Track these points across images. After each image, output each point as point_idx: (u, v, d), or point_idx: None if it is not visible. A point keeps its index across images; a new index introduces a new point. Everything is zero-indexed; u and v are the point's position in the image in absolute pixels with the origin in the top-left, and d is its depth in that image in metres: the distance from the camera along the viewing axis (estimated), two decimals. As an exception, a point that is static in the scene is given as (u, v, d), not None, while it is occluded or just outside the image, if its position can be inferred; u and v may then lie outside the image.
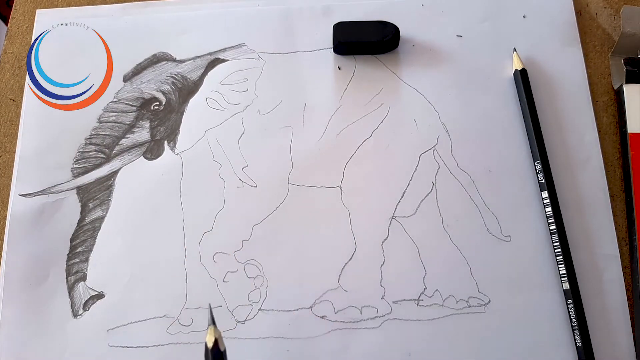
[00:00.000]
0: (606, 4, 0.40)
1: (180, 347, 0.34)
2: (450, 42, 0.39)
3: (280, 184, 0.36)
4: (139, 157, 0.38)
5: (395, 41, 0.38)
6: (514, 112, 0.37)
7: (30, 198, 0.37)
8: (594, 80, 0.38)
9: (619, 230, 0.35)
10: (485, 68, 0.38)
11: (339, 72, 0.39)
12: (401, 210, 0.36)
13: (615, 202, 0.36)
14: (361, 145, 0.37)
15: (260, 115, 0.38)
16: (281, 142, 0.37)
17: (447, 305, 0.34)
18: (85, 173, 0.37)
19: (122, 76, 0.39)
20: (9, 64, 0.41)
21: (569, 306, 0.33)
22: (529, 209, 0.35)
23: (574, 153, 0.36)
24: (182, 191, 0.37)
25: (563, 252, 0.33)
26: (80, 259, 0.36)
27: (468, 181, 0.36)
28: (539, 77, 0.38)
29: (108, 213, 0.36)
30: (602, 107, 0.38)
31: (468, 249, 0.35)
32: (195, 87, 0.39)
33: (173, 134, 0.38)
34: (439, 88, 0.38)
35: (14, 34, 0.41)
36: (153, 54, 0.40)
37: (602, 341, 0.33)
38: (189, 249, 0.35)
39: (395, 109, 0.38)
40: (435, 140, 0.37)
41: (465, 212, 0.35)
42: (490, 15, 0.40)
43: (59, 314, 0.35)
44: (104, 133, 0.38)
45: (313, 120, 0.38)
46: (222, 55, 0.40)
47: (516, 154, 0.37)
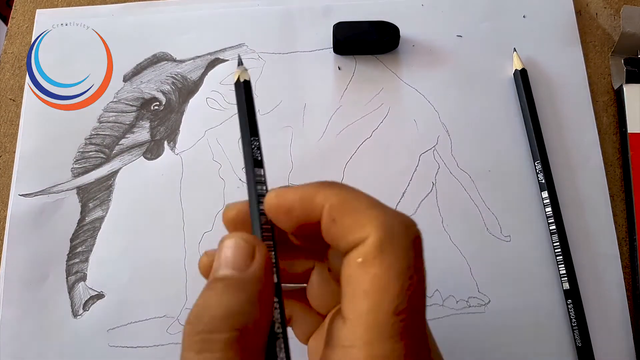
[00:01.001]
0: (606, 4, 0.40)
1: (180, 347, 0.33)
2: (450, 42, 0.39)
3: (280, 184, 0.36)
4: (139, 157, 0.38)
5: (395, 41, 0.38)
6: (514, 112, 0.37)
7: (30, 198, 0.37)
8: (594, 80, 0.38)
9: (619, 230, 0.35)
10: (485, 68, 0.39)
11: (339, 72, 0.39)
12: (401, 210, 0.35)
13: (615, 202, 0.36)
14: (361, 145, 0.37)
15: (260, 115, 0.38)
16: (281, 142, 0.37)
17: (447, 306, 0.34)
18: (85, 173, 0.37)
19: (122, 76, 0.39)
20: (9, 64, 0.41)
21: (569, 306, 0.33)
22: (529, 209, 0.35)
23: (574, 153, 0.36)
24: (182, 191, 0.37)
25: (563, 252, 0.33)
26: (80, 259, 0.36)
27: (468, 181, 0.36)
28: (539, 77, 0.38)
29: (108, 213, 0.36)
30: (602, 107, 0.38)
31: (468, 249, 0.35)
32: (195, 87, 0.39)
33: (173, 134, 0.38)
34: (439, 88, 0.38)
35: (13, 34, 0.41)
36: (153, 54, 0.40)
37: (602, 341, 0.33)
38: (189, 249, 0.35)
39: (395, 109, 0.38)
40: (435, 140, 0.37)
41: (465, 212, 0.35)
42: (490, 15, 0.40)
43: (59, 314, 0.35)
44: (104, 133, 0.38)
45: (313, 120, 0.38)
46: (222, 55, 0.40)
47: (516, 154, 0.37)
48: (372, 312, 0.17)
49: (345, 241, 0.19)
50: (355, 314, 0.18)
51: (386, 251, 0.18)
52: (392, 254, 0.18)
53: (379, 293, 0.17)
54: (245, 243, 0.20)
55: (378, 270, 0.18)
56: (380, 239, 0.18)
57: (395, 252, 0.18)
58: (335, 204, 0.19)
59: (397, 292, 0.17)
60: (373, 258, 0.18)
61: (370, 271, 0.18)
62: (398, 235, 0.18)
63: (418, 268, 0.18)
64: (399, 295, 0.17)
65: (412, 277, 0.18)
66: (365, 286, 0.18)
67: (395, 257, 0.18)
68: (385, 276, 0.17)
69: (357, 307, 0.18)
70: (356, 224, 0.18)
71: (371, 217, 0.18)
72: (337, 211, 0.19)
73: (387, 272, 0.17)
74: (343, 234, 0.19)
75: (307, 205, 0.19)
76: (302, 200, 0.20)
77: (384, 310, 0.17)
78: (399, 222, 0.19)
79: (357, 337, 0.17)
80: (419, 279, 0.18)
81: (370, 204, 0.19)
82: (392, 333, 0.17)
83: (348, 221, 0.19)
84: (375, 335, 0.17)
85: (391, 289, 0.17)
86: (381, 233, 0.18)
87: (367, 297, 0.17)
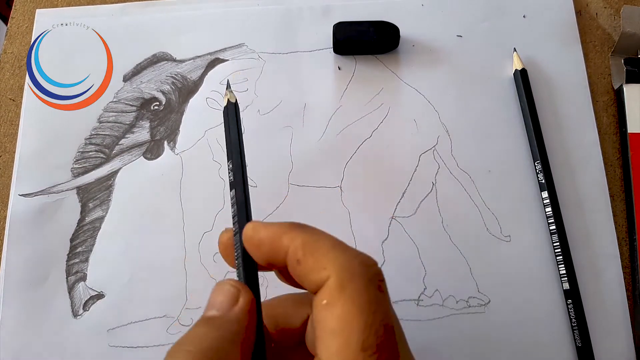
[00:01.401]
0: (606, 4, 0.40)
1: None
2: (450, 42, 0.39)
3: (280, 184, 0.36)
4: (139, 157, 0.38)
5: (395, 41, 0.38)
6: (514, 112, 0.37)
7: (30, 198, 0.37)
8: (594, 80, 0.38)
9: (619, 230, 0.35)
10: (485, 68, 0.39)
11: (339, 72, 0.39)
12: (401, 210, 0.36)
13: (615, 202, 0.36)
14: (361, 145, 0.37)
15: (260, 116, 0.38)
16: (281, 142, 0.37)
17: (447, 306, 0.34)
18: (85, 173, 0.37)
19: (122, 76, 0.39)
20: (9, 63, 0.41)
21: (569, 306, 0.33)
22: (529, 209, 0.35)
23: (574, 153, 0.36)
24: (182, 191, 0.37)
25: (563, 252, 0.33)
26: (80, 259, 0.36)
27: (468, 181, 0.36)
28: (539, 77, 0.38)
29: (108, 213, 0.36)
30: (602, 107, 0.38)
31: (468, 249, 0.35)
32: (195, 87, 0.39)
33: (173, 134, 0.38)
34: (439, 88, 0.38)
35: (13, 33, 0.41)
36: (153, 53, 0.40)
37: (602, 341, 0.33)
38: (189, 249, 0.35)
39: (395, 109, 0.38)
40: (435, 140, 0.37)
41: (465, 212, 0.35)
42: (490, 15, 0.40)
43: (59, 314, 0.35)
44: (104, 133, 0.38)
45: (313, 120, 0.38)
46: (222, 55, 0.40)
47: (516, 154, 0.37)
48: (341, 350, 0.18)
49: (308, 281, 0.20)
50: (326, 354, 0.18)
51: (346, 290, 0.19)
52: (353, 291, 0.19)
53: (345, 331, 0.18)
54: (232, 287, 0.21)
55: (341, 310, 0.18)
56: (340, 279, 0.19)
57: (356, 290, 0.19)
58: (299, 245, 0.20)
59: (361, 328, 0.18)
60: (336, 299, 0.19)
61: (334, 311, 0.19)
62: (358, 275, 0.19)
63: (380, 303, 0.19)
64: (364, 331, 0.18)
65: (375, 312, 0.18)
66: (331, 326, 0.18)
67: (357, 294, 0.19)
68: (349, 314, 0.18)
69: (327, 347, 0.18)
70: (318, 266, 0.20)
71: (331, 258, 0.19)
72: (300, 253, 0.20)
73: (350, 310, 0.18)
74: (306, 275, 0.20)
75: (275, 245, 0.21)
76: (271, 239, 0.21)
77: (351, 347, 0.18)
78: (359, 262, 0.20)
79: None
80: (383, 313, 0.19)
81: (331, 245, 0.20)
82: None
83: (310, 263, 0.20)
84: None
85: (355, 326, 0.18)
86: (341, 273, 0.19)
87: (335, 336, 0.18)
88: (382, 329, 0.18)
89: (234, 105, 0.26)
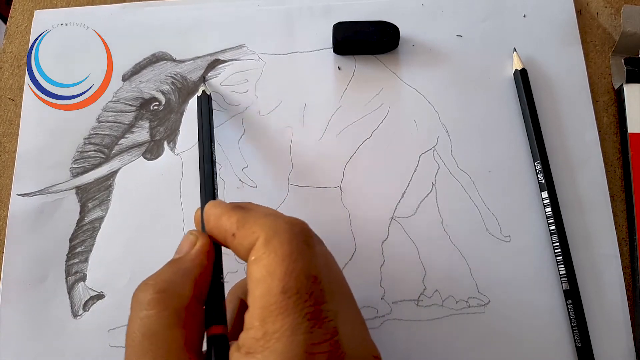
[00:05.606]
0: (606, 4, 0.40)
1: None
2: (450, 42, 0.39)
3: (280, 184, 0.36)
4: (138, 157, 0.38)
5: (395, 41, 0.38)
6: (514, 112, 0.37)
7: (29, 198, 0.37)
8: (594, 80, 0.38)
9: (619, 230, 0.35)
10: (485, 68, 0.38)
11: (339, 72, 0.39)
12: (401, 210, 0.36)
13: (615, 202, 0.36)
14: (361, 145, 0.37)
15: (261, 116, 0.38)
16: (281, 142, 0.37)
17: (446, 306, 0.34)
18: (85, 173, 0.37)
19: (121, 76, 0.39)
20: (8, 63, 0.40)
21: (569, 306, 0.33)
22: (529, 209, 0.35)
23: (574, 153, 0.36)
24: (182, 191, 0.37)
25: (563, 252, 0.33)
26: (80, 259, 0.36)
27: (468, 181, 0.36)
28: (539, 77, 0.38)
29: (107, 213, 0.36)
30: (602, 107, 0.38)
31: (468, 249, 0.35)
32: (195, 87, 0.39)
33: (173, 134, 0.38)
34: (439, 88, 0.38)
35: (12, 33, 0.41)
36: (152, 53, 0.40)
37: (602, 341, 0.33)
38: (189, 249, 0.35)
39: (395, 109, 0.38)
40: (435, 141, 0.37)
41: (465, 213, 0.35)
42: (490, 15, 0.40)
43: (59, 314, 0.35)
44: (103, 133, 0.38)
45: (313, 120, 0.38)
46: (222, 56, 0.39)
47: (516, 154, 0.37)
48: (263, 295, 0.20)
49: (243, 249, 0.22)
50: (252, 300, 0.21)
51: (270, 244, 0.21)
52: (277, 243, 0.21)
53: (267, 278, 0.20)
54: (191, 235, 0.25)
55: (265, 261, 0.21)
56: (266, 236, 0.21)
57: (279, 243, 0.21)
58: (234, 222, 0.23)
59: (282, 274, 0.20)
60: (262, 253, 0.21)
61: (259, 263, 0.21)
62: (282, 230, 0.22)
63: (303, 254, 0.21)
64: (284, 277, 0.20)
65: (296, 261, 0.21)
66: (257, 276, 0.21)
67: (279, 246, 0.21)
68: (272, 264, 0.21)
69: (252, 294, 0.21)
70: (249, 232, 0.22)
71: (261, 224, 0.22)
72: (234, 227, 0.23)
73: (274, 259, 0.21)
74: (240, 244, 0.23)
75: (217, 223, 0.24)
76: (216, 217, 0.24)
77: (272, 292, 0.20)
78: (285, 221, 0.22)
79: (254, 319, 0.20)
80: (307, 263, 0.21)
81: (263, 214, 0.23)
82: (280, 310, 0.20)
83: (242, 233, 0.23)
84: (267, 313, 0.20)
85: (278, 272, 0.20)
86: (267, 232, 0.22)
87: (259, 283, 0.21)
88: (303, 277, 0.20)
89: (208, 97, 0.33)
